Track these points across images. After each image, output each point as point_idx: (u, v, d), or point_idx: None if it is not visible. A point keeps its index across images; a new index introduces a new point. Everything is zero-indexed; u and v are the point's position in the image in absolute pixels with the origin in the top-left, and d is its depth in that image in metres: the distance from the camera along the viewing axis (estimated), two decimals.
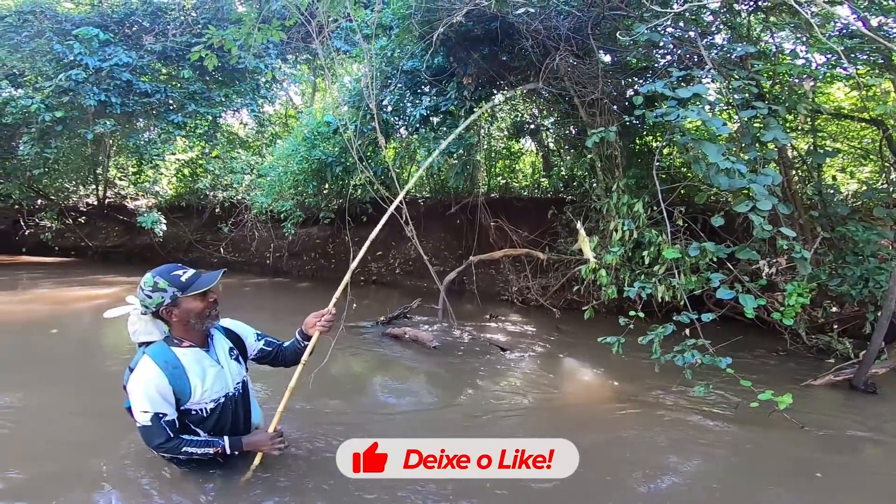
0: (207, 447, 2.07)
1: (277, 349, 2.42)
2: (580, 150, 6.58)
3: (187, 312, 2.01)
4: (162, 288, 1.97)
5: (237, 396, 2.20)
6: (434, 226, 8.43)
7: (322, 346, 2.52)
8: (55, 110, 8.44)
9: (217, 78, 9.80)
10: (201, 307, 2.03)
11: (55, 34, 8.72)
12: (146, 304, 1.99)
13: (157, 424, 1.97)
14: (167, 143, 9.64)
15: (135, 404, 1.97)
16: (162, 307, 1.99)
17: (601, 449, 2.75)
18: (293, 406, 3.09)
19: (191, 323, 2.03)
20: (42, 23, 8.94)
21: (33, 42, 8.90)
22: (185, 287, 1.99)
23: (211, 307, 2.07)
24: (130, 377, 2.00)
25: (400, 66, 6.67)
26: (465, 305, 6.48)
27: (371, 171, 6.37)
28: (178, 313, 2.01)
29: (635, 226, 4.52)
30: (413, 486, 2.20)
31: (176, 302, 1.99)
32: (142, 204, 10.83)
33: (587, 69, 5.08)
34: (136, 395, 1.96)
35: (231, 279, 8.65)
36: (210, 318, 2.08)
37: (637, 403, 3.44)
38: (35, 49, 8.86)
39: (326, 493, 2.16)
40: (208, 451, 2.07)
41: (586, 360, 4.37)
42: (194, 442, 2.06)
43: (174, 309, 2.00)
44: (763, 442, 2.89)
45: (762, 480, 2.48)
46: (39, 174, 9.56)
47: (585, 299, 5.21)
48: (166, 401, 1.99)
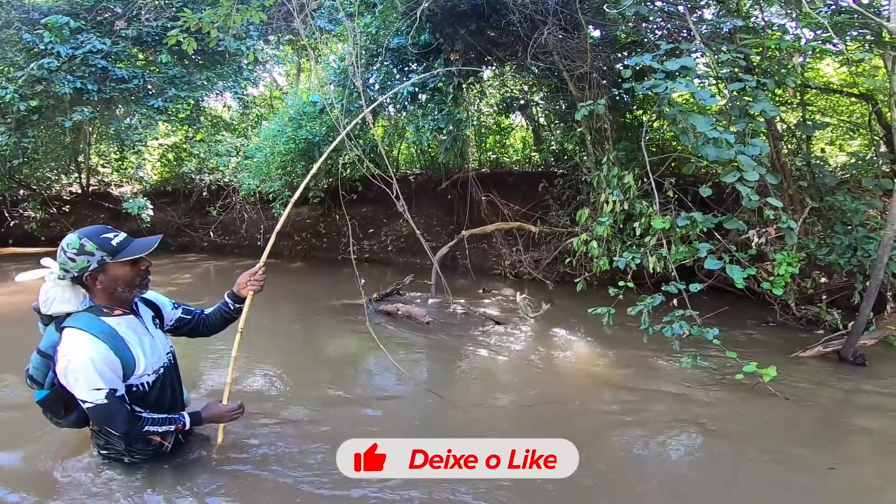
0: (168, 424, 1.94)
1: (197, 317, 2.24)
2: (570, 124, 6.54)
3: (114, 280, 1.81)
4: (89, 251, 1.75)
5: (171, 367, 2.07)
6: (425, 202, 8.40)
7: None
8: (30, 100, 8.23)
9: (197, 61, 9.52)
10: (131, 275, 1.84)
11: (23, 24, 8.41)
12: (67, 267, 1.76)
13: (114, 401, 1.77)
14: (148, 128, 9.41)
15: (83, 383, 1.73)
16: (86, 272, 1.76)
17: (588, 421, 2.83)
18: (284, 388, 3.16)
19: (117, 291, 1.84)
20: (9, 13, 8.61)
21: (1, 33, 8.58)
22: (116, 252, 1.79)
23: (142, 275, 1.88)
24: (65, 355, 1.73)
25: (385, 43, 6.52)
26: (458, 280, 6.53)
27: (360, 150, 6.29)
28: (103, 280, 1.80)
29: (625, 197, 4.54)
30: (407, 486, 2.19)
31: (103, 267, 1.78)
32: (127, 190, 10.63)
33: (576, 43, 5.01)
34: (84, 372, 1.72)
35: (223, 261, 8.62)
36: (139, 287, 1.89)
37: (624, 375, 3.52)
38: (3, 39, 8.57)
39: (321, 486, 2.13)
40: (169, 429, 1.95)
41: (578, 331, 4.45)
42: (154, 420, 1.90)
43: (100, 275, 1.79)
44: (746, 413, 2.95)
45: (744, 453, 2.51)
46: (19, 164, 9.33)
47: (578, 271, 5.27)
48: (116, 375, 1.79)
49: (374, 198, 8.32)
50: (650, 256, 4.13)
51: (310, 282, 7.27)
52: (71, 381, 1.76)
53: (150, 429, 1.91)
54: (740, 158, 3.19)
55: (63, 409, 1.95)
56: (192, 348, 3.44)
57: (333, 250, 8.87)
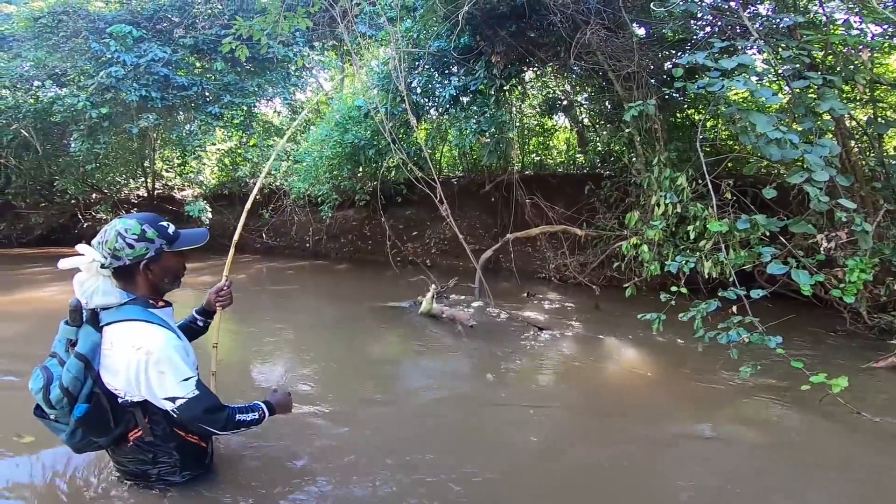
0: (252, 412, 1.80)
1: None
2: (617, 125, 6.39)
3: (166, 270, 1.70)
4: (150, 238, 1.64)
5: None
6: (468, 204, 8.41)
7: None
8: (100, 107, 8.84)
9: (249, 69, 9.99)
10: (178, 267, 1.76)
11: (91, 33, 9.05)
12: (122, 254, 1.60)
13: (204, 390, 1.64)
14: (207, 134, 9.94)
15: (170, 376, 1.58)
16: (143, 260, 1.63)
17: (638, 432, 2.72)
18: (324, 391, 3.18)
19: (164, 283, 1.72)
20: (77, 22, 9.28)
21: (71, 42, 9.28)
22: (173, 240, 1.70)
23: (183, 269, 1.80)
24: (140, 348, 1.56)
25: (426, 47, 6.61)
26: (501, 284, 6.49)
27: (404, 153, 6.39)
28: (155, 269, 1.68)
29: (679, 200, 4.36)
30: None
31: (160, 256, 1.67)
32: (188, 194, 11.29)
33: (621, 43, 4.89)
34: (170, 363, 1.58)
35: (274, 262, 8.99)
36: (178, 281, 1.80)
37: (677, 385, 3.39)
38: (74, 48, 9.24)
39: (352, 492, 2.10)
40: (255, 418, 1.80)
41: (627, 339, 4.32)
42: (240, 408, 1.77)
43: (154, 264, 1.67)
44: (812, 428, 2.77)
45: (808, 470, 2.37)
46: (92, 169, 10.10)
47: (627, 276, 5.11)
48: (195, 365, 1.69)
49: (418, 200, 8.42)
50: (706, 261, 3.95)
51: (355, 283, 7.45)
52: (154, 376, 1.58)
53: (241, 417, 1.75)
54: (808, 158, 2.99)
55: (112, 422, 1.67)
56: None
57: (378, 252, 9.04)
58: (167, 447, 1.78)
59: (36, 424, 1.77)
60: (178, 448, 1.80)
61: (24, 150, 10.47)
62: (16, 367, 3.39)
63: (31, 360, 2.23)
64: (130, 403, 1.67)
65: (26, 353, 3.62)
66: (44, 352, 1.78)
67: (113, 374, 1.63)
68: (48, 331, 1.71)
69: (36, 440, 2.25)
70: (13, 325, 4.64)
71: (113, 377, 1.63)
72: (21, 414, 2.54)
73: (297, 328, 4.66)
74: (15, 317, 4.96)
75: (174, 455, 1.80)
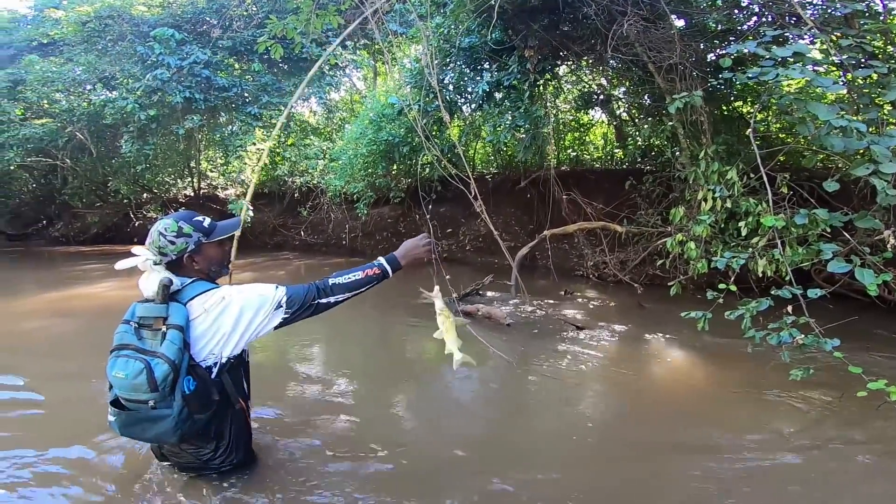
0: (358, 272, 1.96)
1: None
2: (658, 118, 6.16)
3: (209, 259, 1.91)
4: (187, 233, 1.85)
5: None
6: (503, 201, 8.33)
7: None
8: (148, 109, 9.24)
9: (284, 69, 10.22)
10: (221, 254, 1.96)
11: (136, 36, 9.47)
12: (167, 251, 1.82)
13: (291, 286, 1.89)
14: (247, 134, 10.26)
15: (262, 294, 1.84)
16: (185, 253, 1.85)
17: (680, 439, 2.61)
18: (357, 390, 3.15)
19: (211, 271, 1.92)
20: (122, 26, 9.73)
21: (118, 45, 9.73)
22: (209, 232, 1.90)
23: (227, 255, 2.01)
24: (226, 297, 1.80)
25: (458, 43, 6.56)
26: (538, 281, 6.40)
27: (438, 150, 6.38)
28: (199, 260, 1.89)
29: (728, 194, 4.16)
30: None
31: (199, 248, 1.88)
32: (231, 193, 11.70)
33: (660, 34, 4.70)
34: (258, 288, 1.86)
35: (311, 259, 9.19)
36: (226, 267, 2.01)
37: (723, 389, 3.24)
38: (120, 52, 9.70)
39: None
40: (358, 279, 1.95)
41: (671, 339, 4.16)
42: (345, 273, 1.95)
43: (196, 255, 1.88)
44: (867, 439, 2.58)
45: (862, 485, 2.21)
46: (142, 170, 10.59)
47: (671, 274, 4.92)
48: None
49: (453, 197, 8.40)
50: (760, 259, 3.74)
51: (389, 280, 7.48)
52: (249, 299, 1.82)
53: (347, 281, 1.93)
54: (875, 149, 2.78)
55: (214, 395, 1.82)
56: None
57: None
58: (230, 429, 1.92)
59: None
60: (238, 429, 1.95)
61: (80, 152, 11.11)
62: (78, 361, 3.58)
63: (91, 353, 2.33)
64: (218, 369, 1.83)
65: (87, 346, 3.85)
66: (103, 344, 1.86)
67: (209, 339, 1.79)
68: (105, 324, 1.82)
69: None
70: (72, 320, 4.93)
71: (208, 343, 1.79)
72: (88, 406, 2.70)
73: (332, 325, 4.71)
74: (73, 312, 5.27)
75: (237, 440, 1.95)
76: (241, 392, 1.94)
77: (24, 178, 12.67)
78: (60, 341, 4.31)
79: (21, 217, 13.00)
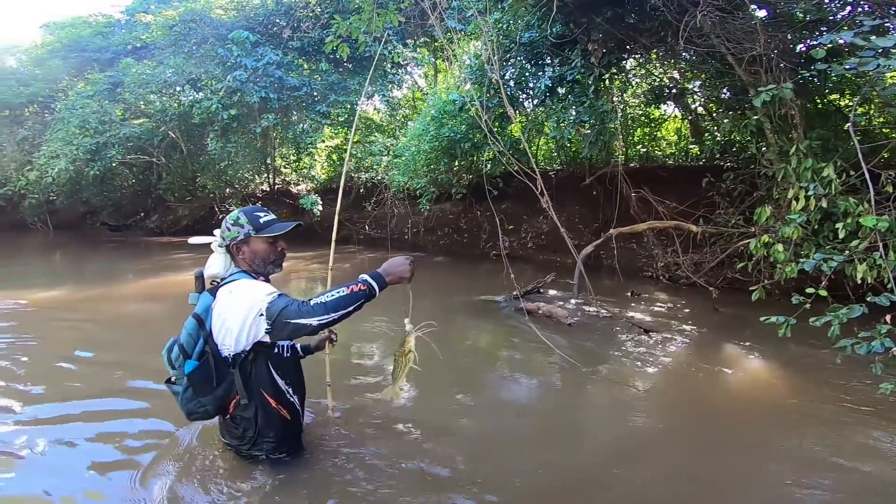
0: (340, 289, 1.80)
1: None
2: (741, 112, 5.72)
3: (254, 253, 2.00)
4: (241, 224, 1.98)
5: (295, 348, 2.17)
6: (567, 198, 8.11)
7: None
8: (230, 109, 9.91)
9: (349, 68, 10.55)
10: (268, 252, 2.02)
11: (216, 39, 10.14)
12: (224, 236, 1.99)
13: (286, 296, 1.82)
14: (317, 132, 10.73)
15: (259, 292, 1.83)
16: (235, 242, 1.98)
17: (756, 455, 2.41)
18: (413, 374, 3.09)
19: (255, 264, 2.01)
20: (203, 29, 10.46)
21: (201, 48, 10.47)
22: (260, 228, 1.99)
23: (277, 255, 2.05)
24: (232, 290, 1.87)
25: (517, 38, 6.45)
26: (602, 281, 6.17)
27: (502, 145, 6.32)
28: (245, 251, 2.00)
29: (824, 193, 3.76)
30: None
31: (247, 240, 1.98)
32: (302, 188, 12.33)
33: (740, 24, 4.35)
34: (254, 288, 1.86)
35: (375, 253, 9.46)
36: (272, 265, 2.05)
37: (807, 404, 2.97)
38: (204, 54, 10.43)
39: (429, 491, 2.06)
40: (343, 294, 1.77)
41: (748, 346, 3.88)
42: (329, 294, 1.77)
43: (244, 246, 1.99)
44: None
45: None
46: (225, 166, 11.41)
47: (753, 278, 4.56)
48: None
49: (514, 194, 8.30)
50: (859, 263, 3.36)
51: (450, 276, 7.56)
52: (241, 297, 1.84)
53: (330, 299, 1.75)
54: None
55: (214, 382, 1.93)
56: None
57: (474, 246, 9.11)
58: (256, 419, 1.99)
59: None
60: (264, 420, 1.99)
61: (172, 150, 12.18)
62: (166, 339, 3.92)
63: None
64: (232, 360, 1.92)
65: (175, 328, 4.22)
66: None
67: (219, 328, 1.89)
68: (190, 308, 1.99)
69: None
70: (162, 304, 5.44)
71: (218, 332, 1.90)
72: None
73: (392, 318, 4.80)
74: (164, 297, 5.81)
75: (264, 431, 2.01)
76: (268, 388, 1.97)
77: (124, 174, 14.09)
78: (152, 321, 4.79)
79: (122, 210, 14.47)
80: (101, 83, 11.46)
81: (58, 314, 4.93)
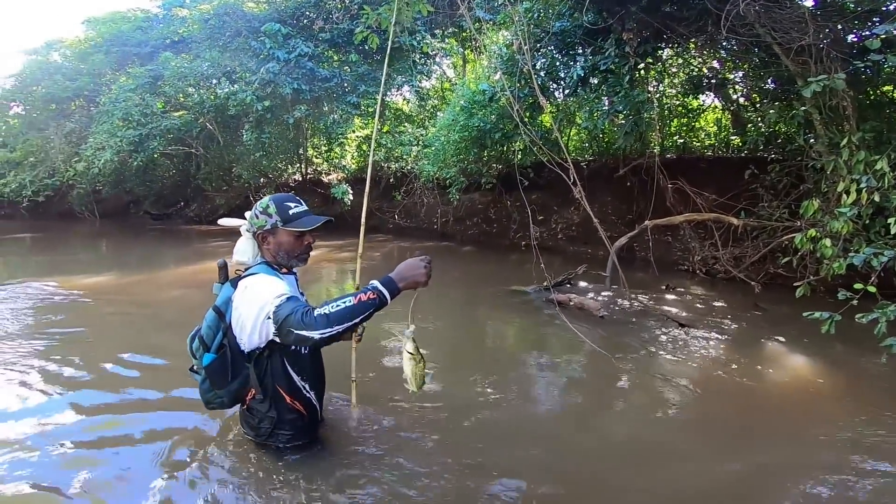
0: (346, 298, 1.70)
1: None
2: (787, 103, 5.47)
3: (279, 244, 1.95)
4: (269, 213, 1.93)
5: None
6: (599, 189, 7.96)
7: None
8: (264, 100, 10.12)
9: (378, 59, 10.59)
10: (293, 245, 1.97)
11: (249, 32, 10.32)
12: (252, 222, 1.97)
13: (296, 301, 1.75)
14: (347, 122, 10.83)
15: (267, 293, 1.77)
16: (261, 230, 1.95)
17: (789, 457, 2.34)
18: (438, 379, 2.99)
19: (279, 255, 1.97)
20: (237, 22, 10.65)
21: (235, 41, 10.67)
22: (288, 220, 1.94)
23: (303, 249, 2.00)
24: (247, 286, 1.86)
25: (549, 28, 6.30)
26: (636, 274, 6.06)
27: (534, 135, 6.24)
28: (270, 241, 1.96)
29: (877, 186, 3.58)
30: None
31: (274, 230, 1.94)
32: (333, 178, 12.52)
33: (787, 13, 4.16)
34: (268, 283, 1.83)
35: (404, 242, 9.56)
36: (297, 259, 2.01)
37: (850, 405, 2.86)
38: (238, 47, 10.64)
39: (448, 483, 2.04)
40: (351, 305, 1.66)
41: (790, 344, 3.76)
42: (335, 304, 1.67)
43: (269, 236, 1.95)
44: None
45: None
46: (260, 156, 11.68)
47: (798, 273, 4.39)
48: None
49: (545, 185, 8.21)
50: None
51: (479, 267, 7.57)
52: (254, 295, 1.80)
53: (334, 310, 1.65)
54: None
55: (229, 375, 1.94)
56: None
57: (503, 236, 9.07)
58: (271, 413, 2.00)
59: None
60: (279, 414, 2.00)
61: (210, 141, 12.54)
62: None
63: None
64: (247, 355, 1.93)
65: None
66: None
67: (236, 320, 1.89)
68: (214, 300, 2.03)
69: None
70: (200, 291, 5.64)
71: (235, 323, 1.90)
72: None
73: (420, 308, 4.80)
74: (203, 283, 6.02)
75: (279, 424, 2.02)
76: (283, 383, 1.97)
77: (165, 165, 14.64)
78: (189, 308, 4.93)
79: (163, 199, 15.08)
80: (142, 77, 11.86)
81: (106, 300, 5.20)
